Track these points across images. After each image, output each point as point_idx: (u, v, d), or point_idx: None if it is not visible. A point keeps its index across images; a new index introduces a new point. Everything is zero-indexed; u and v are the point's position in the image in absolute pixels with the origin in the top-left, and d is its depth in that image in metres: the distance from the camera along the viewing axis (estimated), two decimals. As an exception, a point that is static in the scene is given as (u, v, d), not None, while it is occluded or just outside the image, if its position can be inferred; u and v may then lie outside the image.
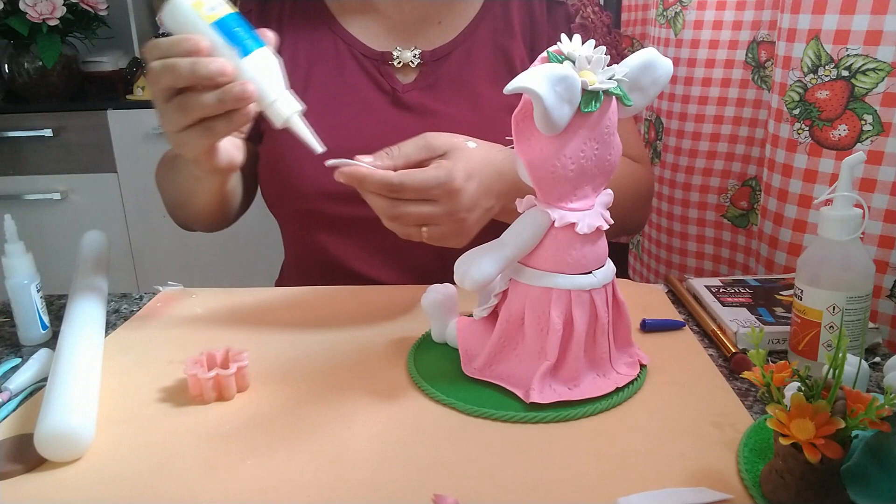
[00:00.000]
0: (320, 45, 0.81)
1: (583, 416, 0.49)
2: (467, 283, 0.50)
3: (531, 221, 0.51)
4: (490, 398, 0.51)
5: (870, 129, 0.74)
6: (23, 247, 0.63)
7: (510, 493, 0.41)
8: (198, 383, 0.52)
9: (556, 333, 0.50)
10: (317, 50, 0.81)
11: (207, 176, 0.65)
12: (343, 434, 0.47)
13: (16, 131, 1.73)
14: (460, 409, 0.50)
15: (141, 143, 1.74)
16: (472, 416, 0.49)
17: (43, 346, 0.63)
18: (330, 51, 0.81)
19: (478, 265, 0.49)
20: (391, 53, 0.80)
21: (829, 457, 0.36)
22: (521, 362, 0.53)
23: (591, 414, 0.49)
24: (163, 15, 0.54)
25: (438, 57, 0.79)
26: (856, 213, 0.52)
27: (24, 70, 1.82)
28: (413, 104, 0.79)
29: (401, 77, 0.80)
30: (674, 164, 1.10)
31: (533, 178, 0.50)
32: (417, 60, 0.79)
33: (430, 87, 0.79)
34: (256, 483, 0.43)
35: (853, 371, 0.44)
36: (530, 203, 0.52)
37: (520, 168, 0.51)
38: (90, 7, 1.78)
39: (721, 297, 0.67)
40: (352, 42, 0.81)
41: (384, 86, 0.80)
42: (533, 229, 0.50)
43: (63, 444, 0.44)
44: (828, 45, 0.75)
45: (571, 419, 0.49)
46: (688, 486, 0.41)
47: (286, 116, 0.55)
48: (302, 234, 0.84)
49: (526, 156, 0.49)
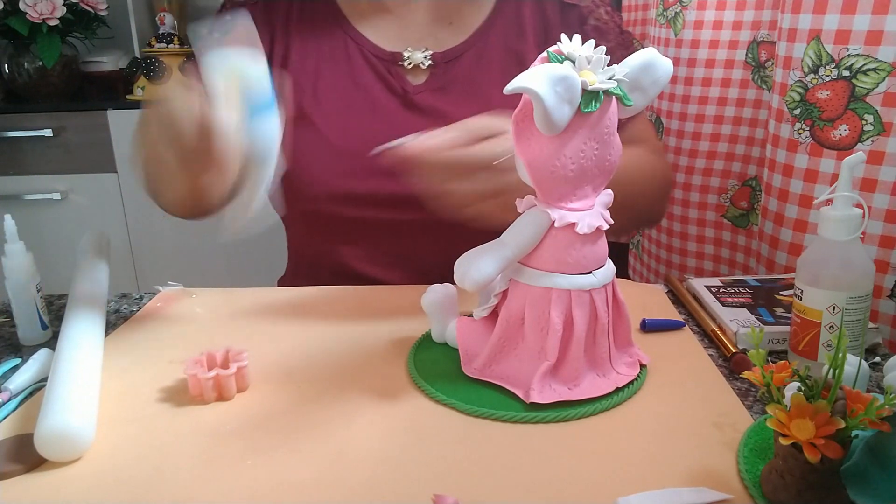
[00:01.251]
0: (330, 44, 0.80)
1: (583, 417, 0.49)
2: (467, 283, 0.50)
3: (531, 221, 0.50)
4: (490, 398, 0.51)
5: (871, 129, 0.74)
6: (23, 247, 0.63)
7: (510, 493, 0.41)
8: (198, 383, 0.52)
9: (557, 333, 0.50)
10: (327, 49, 0.80)
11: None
12: (343, 434, 0.47)
13: (16, 131, 1.73)
14: (460, 409, 0.50)
15: (141, 143, 1.74)
16: (473, 416, 0.49)
17: (43, 346, 0.63)
18: (340, 50, 0.80)
19: (477, 265, 0.49)
20: (401, 54, 0.79)
21: (829, 457, 0.36)
22: (521, 362, 0.53)
23: (591, 414, 0.49)
24: (202, 53, 0.53)
25: (449, 59, 0.79)
26: (856, 213, 0.52)
27: (24, 70, 1.82)
28: (424, 106, 0.78)
29: (411, 78, 0.79)
30: (674, 164, 1.10)
31: (533, 179, 0.50)
32: (428, 62, 0.79)
33: (441, 90, 0.78)
34: (256, 483, 0.42)
35: (853, 371, 0.44)
36: (530, 203, 0.52)
37: (519, 168, 0.51)
38: (90, 7, 1.78)
39: (721, 297, 0.67)
40: (362, 42, 0.80)
41: (395, 87, 0.79)
42: (533, 229, 0.50)
43: (63, 444, 0.44)
44: (828, 45, 0.75)
45: (571, 419, 0.49)
46: (688, 486, 0.41)
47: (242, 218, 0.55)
48: (308, 236, 0.84)
49: (526, 156, 0.49)
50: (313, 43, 0.80)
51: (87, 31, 1.83)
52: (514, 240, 0.51)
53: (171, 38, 1.81)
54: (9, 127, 1.73)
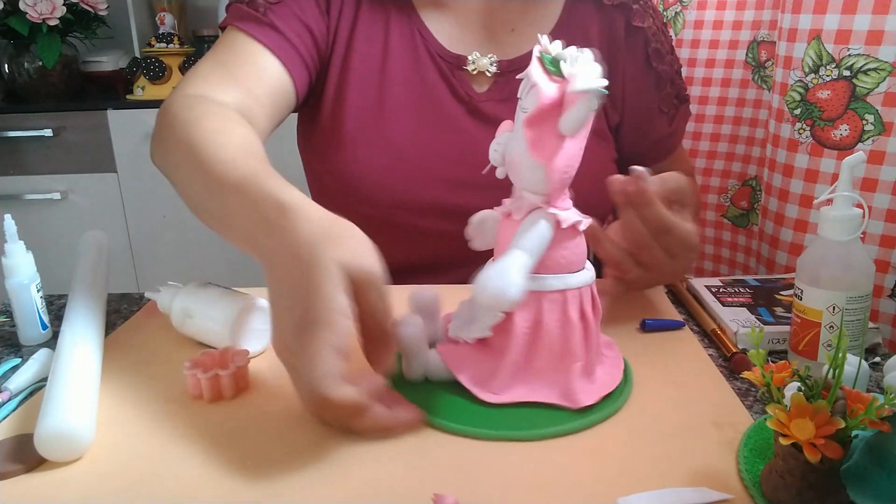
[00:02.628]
0: (399, 34, 0.76)
1: (581, 416, 0.49)
2: (506, 303, 0.46)
3: (544, 226, 0.49)
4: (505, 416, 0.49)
5: (871, 128, 0.74)
6: (23, 247, 0.63)
7: (510, 493, 0.41)
8: (198, 383, 0.52)
9: (579, 331, 0.50)
10: (396, 38, 0.75)
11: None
12: (343, 434, 0.47)
13: (16, 131, 1.73)
14: (474, 435, 0.47)
15: (141, 143, 1.74)
16: (489, 440, 0.47)
17: (43, 346, 0.63)
18: (408, 42, 0.76)
19: (513, 282, 0.46)
20: (466, 58, 0.75)
21: (829, 457, 0.36)
22: (550, 371, 0.51)
23: (591, 413, 0.49)
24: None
25: (516, 67, 0.75)
26: (856, 213, 0.52)
27: (24, 70, 1.82)
28: (490, 116, 0.75)
29: (475, 85, 0.76)
30: (674, 163, 1.10)
31: (552, 181, 0.48)
32: (494, 69, 0.75)
33: (506, 101, 0.75)
34: (256, 483, 0.42)
35: (853, 371, 0.44)
36: (533, 206, 0.50)
37: (528, 173, 0.49)
38: (90, 7, 1.78)
39: (721, 297, 0.67)
40: (428, 38, 0.76)
41: (459, 92, 0.75)
42: (547, 234, 0.49)
43: (63, 444, 0.44)
44: (829, 45, 0.75)
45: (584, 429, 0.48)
46: (688, 486, 0.41)
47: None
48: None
49: (551, 160, 0.47)
50: (381, 28, 0.75)
51: (87, 31, 1.83)
52: (533, 247, 0.48)
53: (171, 38, 1.81)
54: (9, 127, 1.73)
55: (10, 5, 1.70)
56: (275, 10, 0.72)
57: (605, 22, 0.78)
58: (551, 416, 0.49)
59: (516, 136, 0.49)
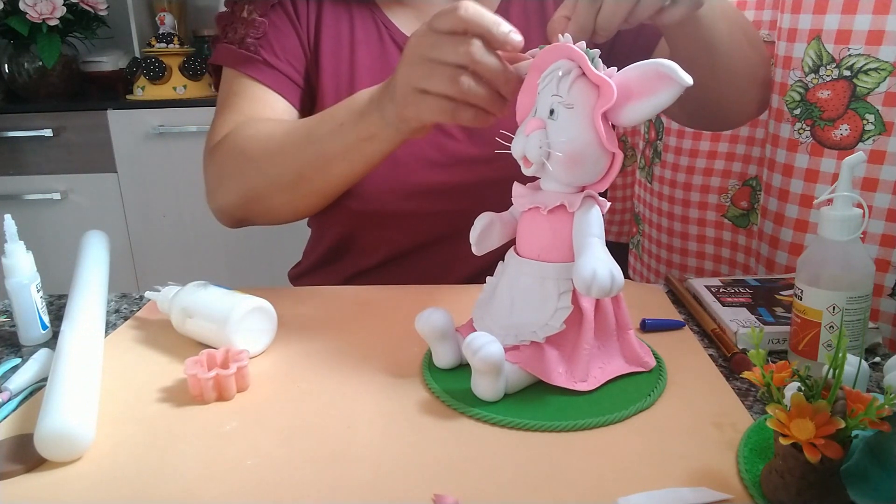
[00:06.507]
0: (363, 26, 0.80)
1: (583, 416, 0.49)
2: (616, 288, 0.47)
3: (598, 211, 0.51)
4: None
5: (872, 128, 0.74)
6: (23, 247, 0.63)
7: (510, 493, 0.41)
8: (198, 383, 0.52)
9: (618, 301, 0.54)
10: (361, 31, 0.80)
11: (398, 137, 0.61)
12: (343, 434, 0.47)
13: (16, 131, 1.74)
14: (488, 419, 0.49)
15: (141, 143, 1.74)
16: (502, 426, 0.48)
17: (43, 346, 0.63)
18: (372, 33, 0.80)
19: (613, 266, 0.47)
20: None
21: (829, 457, 0.36)
22: (614, 344, 0.54)
23: (592, 414, 0.49)
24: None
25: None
26: (856, 213, 0.52)
27: (24, 70, 1.82)
28: None
29: None
30: (674, 163, 1.10)
31: (615, 171, 0.50)
32: None
33: None
34: (256, 483, 0.42)
35: (853, 371, 0.44)
36: (586, 193, 0.51)
37: (592, 167, 0.50)
38: (90, 7, 1.79)
39: (721, 297, 0.67)
40: (391, 28, 0.80)
41: None
42: (602, 218, 0.51)
43: (63, 444, 0.44)
44: (829, 45, 0.75)
45: (586, 428, 0.48)
46: (688, 486, 0.41)
47: None
48: (345, 230, 0.84)
49: (618, 150, 0.50)
50: (344, 23, 0.80)
51: (87, 31, 1.84)
52: (601, 232, 0.50)
53: (171, 38, 1.82)
54: (9, 127, 1.74)
55: (10, 5, 1.70)
56: (262, 44, 0.78)
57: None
58: (567, 409, 0.50)
59: (570, 131, 0.48)
